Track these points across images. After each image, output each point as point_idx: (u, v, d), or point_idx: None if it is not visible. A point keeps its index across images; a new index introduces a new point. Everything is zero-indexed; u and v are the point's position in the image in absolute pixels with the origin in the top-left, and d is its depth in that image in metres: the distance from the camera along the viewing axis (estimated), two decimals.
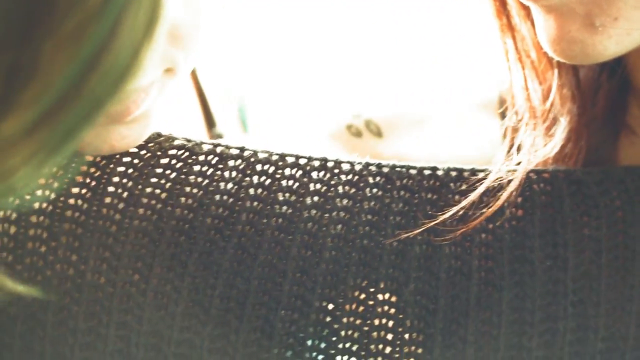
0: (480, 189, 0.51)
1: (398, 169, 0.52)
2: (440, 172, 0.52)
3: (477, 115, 0.63)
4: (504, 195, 0.51)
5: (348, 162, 0.52)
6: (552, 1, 0.46)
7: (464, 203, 0.51)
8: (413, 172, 0.52)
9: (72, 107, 0.32)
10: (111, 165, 0.51)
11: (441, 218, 0.51)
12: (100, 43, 0.31)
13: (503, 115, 0.59)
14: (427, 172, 0.52)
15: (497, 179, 0.52)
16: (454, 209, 0.51)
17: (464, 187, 0.52)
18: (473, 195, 0.51)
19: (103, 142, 0.48)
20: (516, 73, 0.55)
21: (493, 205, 0.51)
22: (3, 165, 0.33)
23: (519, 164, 0.53)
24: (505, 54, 0.55)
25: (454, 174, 0.52)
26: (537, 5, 0.48)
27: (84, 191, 0.51)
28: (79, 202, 0.51)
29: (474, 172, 0.53)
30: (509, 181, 0.51)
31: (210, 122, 0.68)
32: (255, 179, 0.51)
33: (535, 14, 0.49)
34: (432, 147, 0.60)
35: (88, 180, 0.51)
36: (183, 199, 0.51)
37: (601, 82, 0.57)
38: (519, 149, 0.54)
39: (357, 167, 0.52)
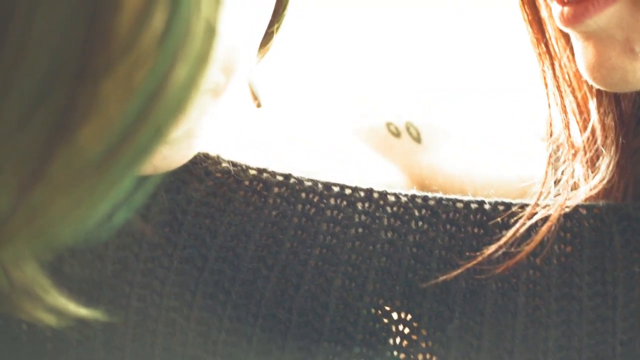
0: (518, 224, 0.50)
1: (444, 202, 0.51)
2: (487, 206, 0.52)
3: (524, 140, 0.61)
4: (543, 228, 0.50)
5: (394, 193, 0.52)
6: (590, 27, 0.45)
7: (503, 241, 0.50)
8: (459, 205, 0.52)
9: (133, 141, 0.33)
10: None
11: (481, 257, 0.50)
12: (158, 78, 0.31)
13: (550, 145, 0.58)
14: (474, 205, 0.51)
15: (537, 212, 0.51)
16: (493, 247, 0.50)
17: (511, 221, 0.51)
18: (511, 232, 0.50)
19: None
20: (555, 102, 0.54)
21: (533, 241, 0.50)
22: (68, 198, 0.33)
23: (560, 196, 0.52)
24: (544, 82, 0.54)
25: (501, 207, 0.51)
26: (575, 32, 0.46)
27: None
28: (125, 226, 0.51)
29: (522, 206, 0.52)
30: (549, 216, 0.50)
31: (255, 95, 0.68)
32: (299, 207, 0.51)
33: (574, 40, 0.47)
34: (470, 163, 0.59)
35: None
36: (226, 227, 0.51)
37: None
38: (557, 182, 0.53)
39: (403, 199, 0.51)
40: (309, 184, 0.51)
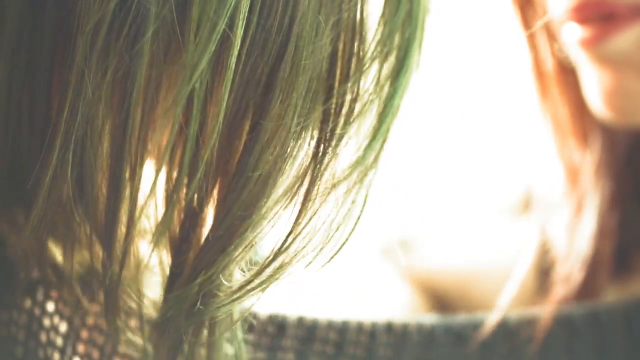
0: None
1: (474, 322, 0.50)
2: (511, 322, 0.50)
3: (498, 222, 0.61)
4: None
5: (416, 323, 0.49)
6: (609, 50, 0.44)
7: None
8: (486, 324, 0.49)
9: None
10: None
11: None
12: None
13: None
14: (500, 322, 0.49)
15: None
16: None
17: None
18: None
19: None
20: (550, 144, 0.53)
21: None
22: None
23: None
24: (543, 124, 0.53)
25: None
26: (591, 58, 0.45)
27: None
28: None
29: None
30: None
31: None
32: (316, 347, 0.49)
33: (587, 69, 0.46)
34: (456, 257, 0.59)
35: None
36: None
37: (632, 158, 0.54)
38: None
39: (426, 327, 0.49)
40: (325, 322, 0.49)
